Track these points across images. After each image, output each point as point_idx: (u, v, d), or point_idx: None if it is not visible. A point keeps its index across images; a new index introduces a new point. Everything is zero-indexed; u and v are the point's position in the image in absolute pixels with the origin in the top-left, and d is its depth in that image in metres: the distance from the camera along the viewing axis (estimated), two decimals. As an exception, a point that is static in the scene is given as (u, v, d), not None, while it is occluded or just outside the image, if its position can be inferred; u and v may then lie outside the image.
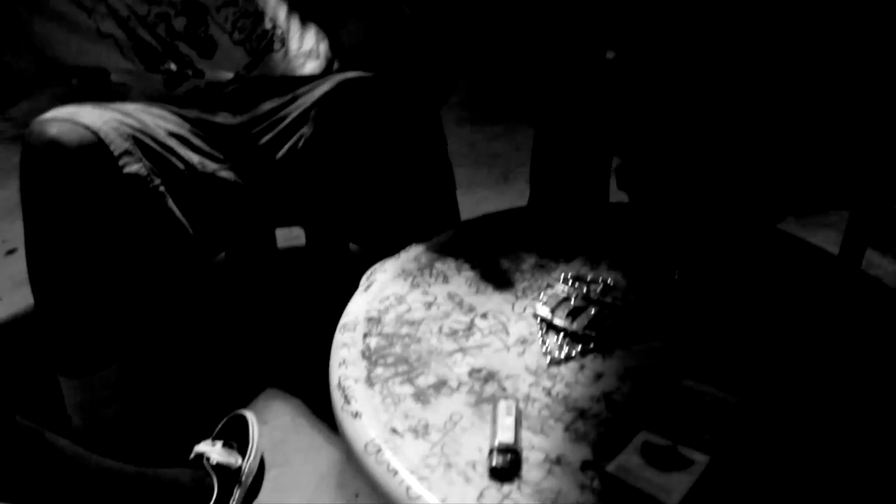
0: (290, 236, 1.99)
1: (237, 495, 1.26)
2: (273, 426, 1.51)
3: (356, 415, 0.80)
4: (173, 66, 1.37)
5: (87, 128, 1.12)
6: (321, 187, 1.38)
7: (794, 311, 0.94)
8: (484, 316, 0.94)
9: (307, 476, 1.40)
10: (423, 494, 0.71)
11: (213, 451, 1.27)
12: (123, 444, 1.26)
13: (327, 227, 1.59)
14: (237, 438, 1.34)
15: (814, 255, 1.07)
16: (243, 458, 1.31)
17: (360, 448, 0.77)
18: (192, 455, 1.28)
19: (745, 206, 1.38)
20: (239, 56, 1.41)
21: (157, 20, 1.34)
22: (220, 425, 1.40)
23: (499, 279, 0.99)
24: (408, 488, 0.72)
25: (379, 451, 0.76)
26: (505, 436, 0.75)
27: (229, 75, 1.39)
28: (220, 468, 1.25)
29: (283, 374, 1.63)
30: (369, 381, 0.84)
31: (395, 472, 0.73)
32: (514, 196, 2.29)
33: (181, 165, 1.29)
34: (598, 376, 0.85)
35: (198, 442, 1.33)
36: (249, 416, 1.40)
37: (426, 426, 0.78)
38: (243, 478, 1.28)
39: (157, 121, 1.28)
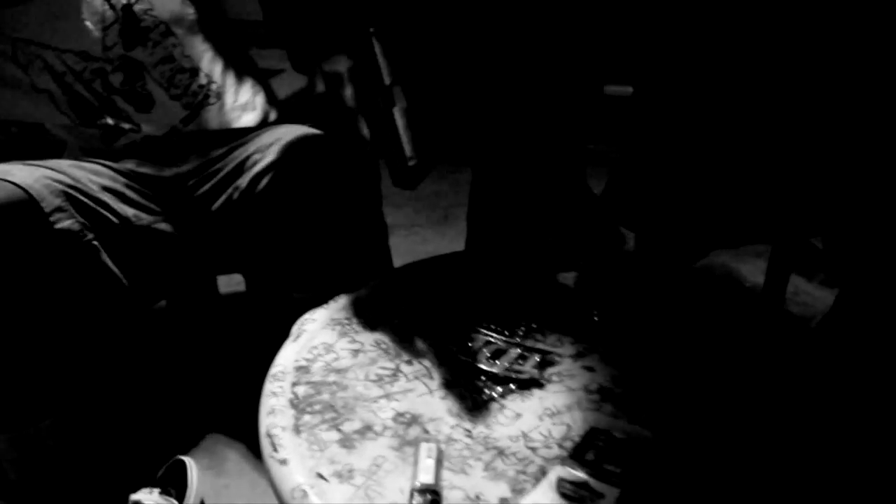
0: (232, 282, 2.01)
1: (176, 538, 1.27)
2: (217, 472, 1.53)
3: (283, 462, 0.82)
4: (110, 121, 1.39)
5: (17, 185, 1.14)
6: (257, 238, 1.40)
7: (711, 347, 0.99)
8: (409, 362, 0.97)
9: (251, 521, 1.41)
10: (347, 537, 0.74)
11: (150, 498, 1.28)
12: (59, 498, 1.26)
13: (265, 276, 1.61)
14: (175, 485, 1.35)
15: (733, 289, 1.12)
16: (181, 502, 1.32)
17: (287, 494, 0.80)
18: (128, 504, 1.29)
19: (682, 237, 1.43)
20: (175, 110, 1.44)
21: (93, 76, 1.37)
22: (159, 472, 1.41)
23: (424, 325, 1.03)
24: (332, 532, 0.74)
25: (305, 495, 0.78)
26: (425, 477, 0.79)
27: (165, 129, 1.42)
28: (157, 515, 1.26)
29: (226, 420, 1.64)
30: (296, 429, 0.87)
31: (320, 517, 0.76)
32: (455, 235, 2.33)
33: (115, 219, 1.31)
34: (518, 416, 0.89)
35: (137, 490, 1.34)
36: (188, 461, 1.42)
37: (351, 470, 0.81)
38: (182, 522, 1.29)
39: (91, 176, 1.30)
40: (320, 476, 0.80)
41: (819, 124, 1.14)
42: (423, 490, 0.77)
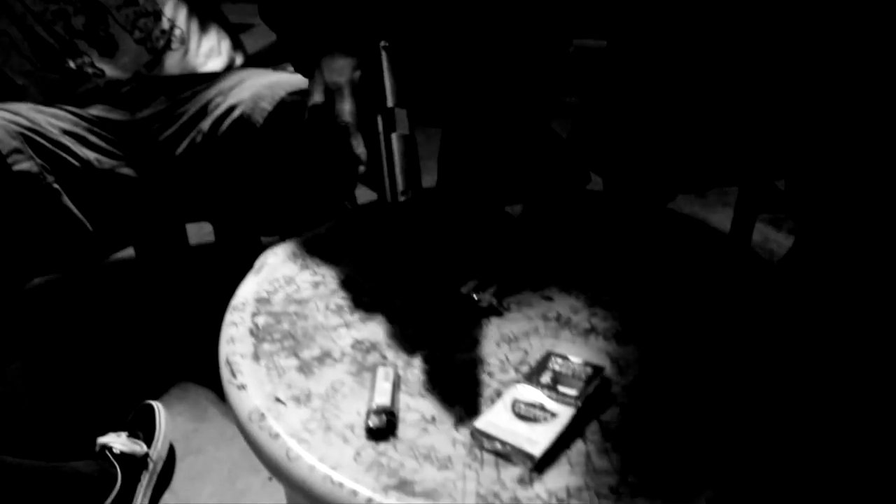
0: (203, 233, 2.01)
1: (145, 481, 1.28)
2: (186, 417, 1.54)
3: (241, 387, 0.83)
4: (72, 65, 1.37)
5: None
6: (222, 182, 1.40)
7: (674, 279, 1.00)
8: (369, 292, 0.98)
9: (220, 462, 1.43)
10: (302, 455, 0.74)
11: (117, 441, 1.29)
12: (29, 441, 1.27)
13: (232, 220, 1.61)
14: (144, 428, 1.36)
15: (699, 230, 1.13)
16: (150, 446, 1.33)
17: (245, 417, 0.80)
18: (96, 448, 1.29)
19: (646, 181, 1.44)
20: (139, 55, 1.43)
21: (54, 18, 1.35)
22: (129, 417, 1.42)
23: (385, 259, 1.03)
24: (288, 450, 0.75)
25: (262, 417, 0.79)
26: (382, 399, 0.79)
27: (129, 74, 1.41)
28: (125, 457, 1.27)
29: (196, 366, 1.64)
30: (255, 357, 0.87)
31: (277, 437, 0.77)
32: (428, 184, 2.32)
33: (76, 163, 1.31)
34: (476, 342, 0.90)
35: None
36: (156, 405, 1.42)
37: (308, 394, 0.82)
38: (151, 464, 1.30)
39: (51, 119, 1.29)
40: (278, 400, 0.81)
41: (781, 66, 1.14)
42: (379, 411, 0.78)
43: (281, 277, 1.00)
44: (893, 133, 1.06)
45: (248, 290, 0.98)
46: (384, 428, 0.77)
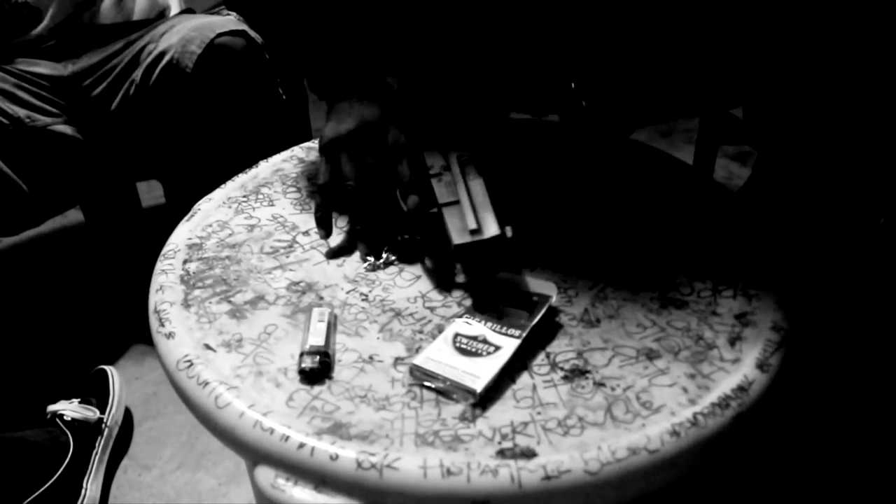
0: (156, 194, 1.95)
1: (99, 447, 1.23)
2: (144, 381, 1.49)
3: (169, 335, 0.78)
4: (6, 6, 1.31)
5: None
6: (162, 136, 1.34)
7: (630, 212, 0.96)
8: (306, 233, 0.93)
9: (180, 426, 1.39)
10: (232, 402, 0.70)
11: (69, 408, 1.24)
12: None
13: (179, 176, 1.55)
14: (98, 394, 1.31)
15: (658, 159, 1.09)
16: (104, 412, 1.28)
17: (173, 366, 0.76)
18: (47, 416, 1.25)
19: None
20: None
21: None
22: (82, 383, 1.37)
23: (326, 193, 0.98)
24: (217, 398, 0.71)
25: (190, 365, 0.75)
26: (315, 339, 0.75)
27: (63, 16, 1.34)
28: (77, 424, 1.22)
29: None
30: (185, 304, 0.83)
31: (206, 384, 0.72)
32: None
33: (5, 120, 1.25)
34: (417, 277, 0.86)
35: (59, 402, 1.30)
36: (109, 369, 1.38)
37: (240, 340, 0.77)
38: (106, 430, 1.26)
39: (-26, 77, 1.23)
40: (207, 346, 0.77)
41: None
42: (313, 352, 0.74)
43: (215, 223, 0.95)
44: (847, 54, 1.02)
45: (180, 236, 0.93)
46: (318, 370, 0.73)
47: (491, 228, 0.81)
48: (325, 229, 0.89)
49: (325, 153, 0.91)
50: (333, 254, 0.89)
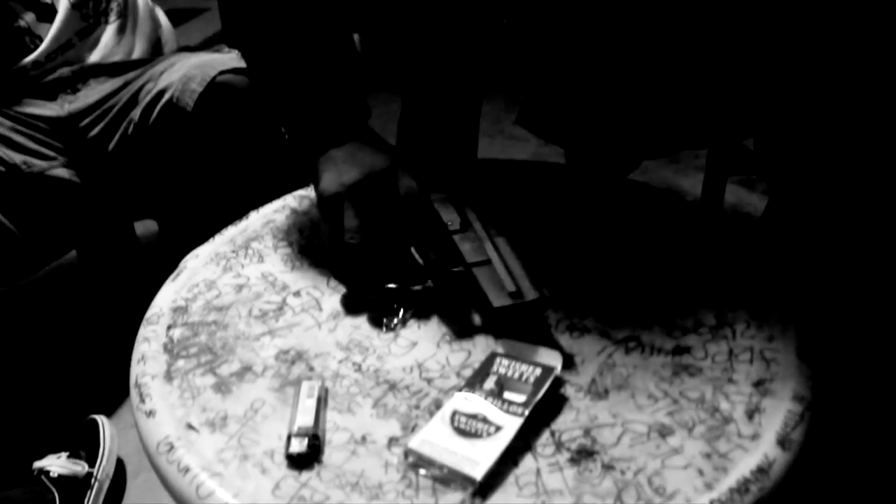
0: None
1: (89, 502, 1.19)
2: (139, 429, 1.43)
3: (150, 413, 0.74)
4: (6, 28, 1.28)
5: None
6: (159, 176, 1.31)
7: (639, 261, 0.91)
8: (297, 294, 0.88)
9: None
10: (215, 491, 0.66)
11: (56, 463, 1.20)
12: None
13: (177, 217, 1.51)
14: (87, 446, 1.26)
15: (666, 200, 1.04)
16: (92, 465, 1.23)
17: (153, 448, 0.71)
18: (34, 472, 1.20)
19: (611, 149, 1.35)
20: (74, 21, 1.35)
21: None
22: (71, 435, 1.32)
23: (316, 253, 0.93)
24: (198, 486, 0.66)
25: (171, 448, 0.70)
26: (304, 419, 0.70)
27: (61, 42, 1.31)
28: (64, 480, 1.18)
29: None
30: (168, 376, 0.78)
31: (187, 470, 0.68)
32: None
33: (1, 168, 1.21)
34: (413, 344, 0.81)
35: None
36: (100, 419, 1.33)
37: (224, 417, 0.73)
38: (96, 484, 1.21)
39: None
40: (190, 426, 0.72)
41: (740, 25, 1.06)
42: (301, 434, 0.69)
43: (202, 282, 0.91)
44: (857, 87, 0.98)
45: (165, 298, 0.89)
46: (307, 454, 0.68)
47: (530, 291, 0.78)
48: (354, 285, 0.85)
49: (326, 208, 0.82)
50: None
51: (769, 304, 0.82)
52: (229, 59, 1.30)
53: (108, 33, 1.43)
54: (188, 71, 1.26)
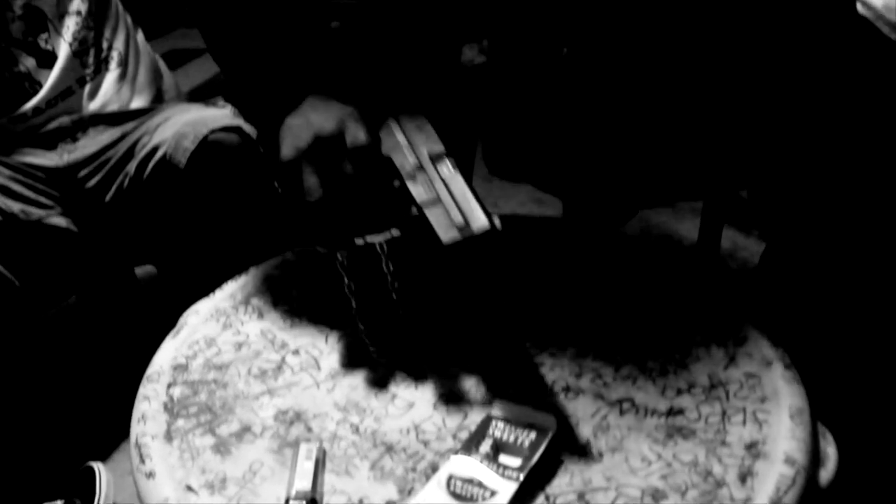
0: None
1: (82, 551, 1.19)
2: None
3: (150, 475, 0.75)
4: (8, 75, 1.31)
5: None
6: (157, 226, 1.33)
7: (635, 319, 0.92)
8: (296, 352, 0.89)
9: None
10: (212, 560, 0.66)
11: (49, 514, 1.20)
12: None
13: (175, 264, 1.53)
14: (83, 493, 1.27)
15: (663, 245, 1.05)
16: (87, 513, 1.24)
17: (152, 511, 0.72)
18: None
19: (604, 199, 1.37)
20: (75, 69, 1.36)
21: None
22: (68, 482, 1.33)
23: (315, 310, 0.95)
24: (196, 554, 0.67)
25: (170, 513, 0.70)
26: (302, 483, 0.71)
27: (62, 88, 1.33)
28: (57, 530, 1.18)
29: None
30: (168, 437, 0.79)
31: (185, 537, 0.68)
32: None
33: None
34: (410, 405, 0.82)
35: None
36: (97, 466, 1.33)
37: (223, 479, 0.74)
38: (89, 533, 1.21)
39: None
40: (189, 488, 0.73)
41: (737, 76, 1.08)
42: (299, 498, 0.69)
43: (202, 339, 0.92)
44: (850, 133, 0.99)
45: (165, 356, 0.90)
46: (304, 518, 0.69)
47: (479, 222, 0.75)
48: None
49: (283, 175, 0.79)
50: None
51: (762, 363, 0.82)
52: (222, 115, 1.32)
53: (108, 81, 1.45)
54: (181, 128, 1.28)
